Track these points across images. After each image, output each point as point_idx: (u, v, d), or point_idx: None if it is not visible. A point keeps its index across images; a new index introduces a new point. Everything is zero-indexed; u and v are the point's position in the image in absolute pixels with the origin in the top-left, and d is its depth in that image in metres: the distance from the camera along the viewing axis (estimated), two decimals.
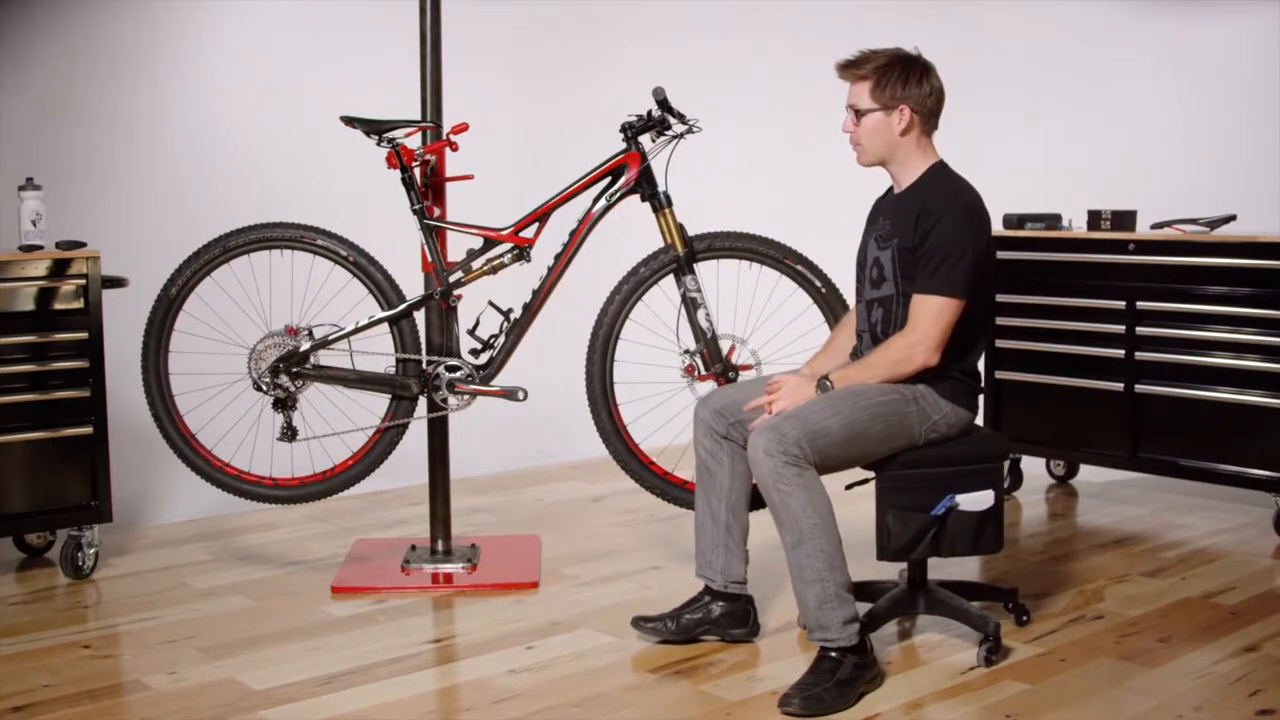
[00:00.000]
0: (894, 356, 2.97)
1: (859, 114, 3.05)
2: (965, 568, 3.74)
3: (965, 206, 3.00)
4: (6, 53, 4.30)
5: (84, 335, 3.71)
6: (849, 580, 2.85)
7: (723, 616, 3.16)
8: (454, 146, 3.65)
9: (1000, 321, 4.46)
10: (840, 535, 2.85)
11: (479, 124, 3.72)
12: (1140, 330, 4.18)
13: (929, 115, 3.06)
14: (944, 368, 3.00)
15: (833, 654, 2.82)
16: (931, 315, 2.95)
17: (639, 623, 3.17)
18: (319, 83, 4.78)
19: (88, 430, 3.73)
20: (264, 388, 3.62)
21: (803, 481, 2.79)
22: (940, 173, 3.08)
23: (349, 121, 3.55)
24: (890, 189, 3.21)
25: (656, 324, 3.61)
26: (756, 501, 3.20)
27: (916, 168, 3.08)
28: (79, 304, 3.71)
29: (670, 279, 3.60)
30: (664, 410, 3.67)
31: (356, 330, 3.63)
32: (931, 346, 2.95)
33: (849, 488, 3.14)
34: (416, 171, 3.63)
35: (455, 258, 3.66)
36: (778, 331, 3.58)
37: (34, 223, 3.67)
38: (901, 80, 3.02)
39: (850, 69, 3.07)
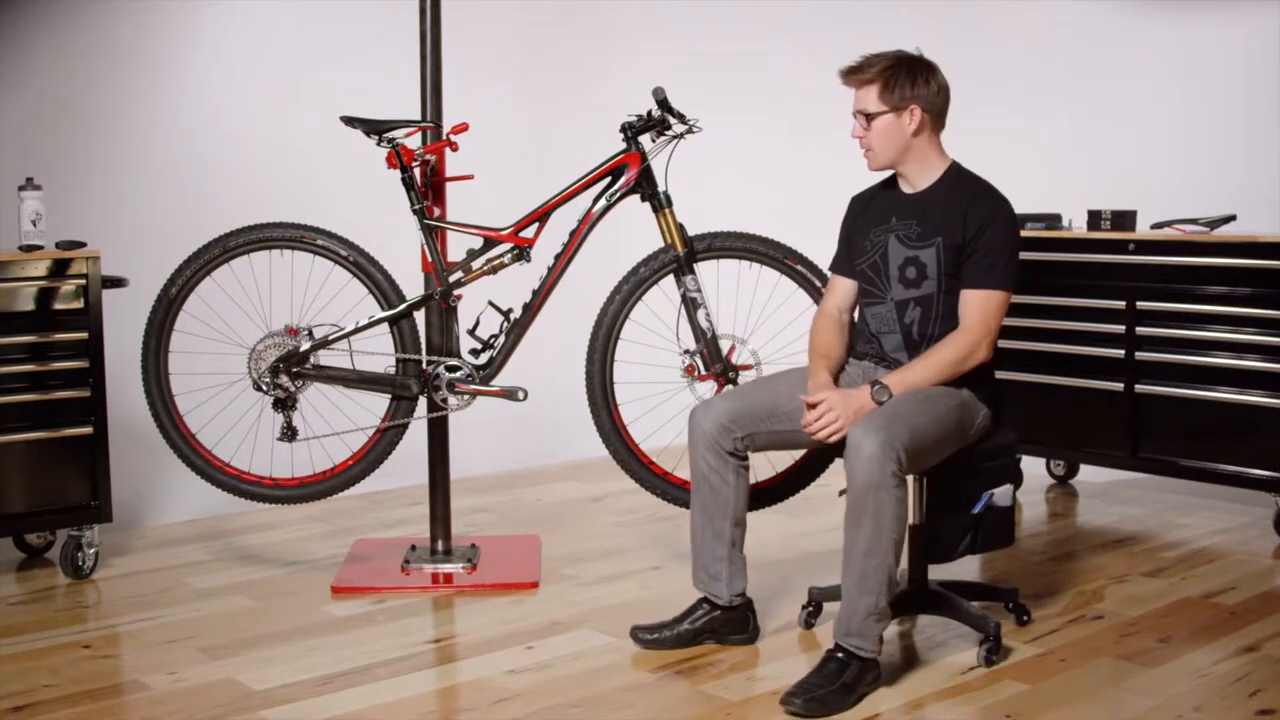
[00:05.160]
0: (956, 355, 2.97)
1: (869, 118, 3.05)
2: (965, 567, 3.74)
3: (1008, 205, 3.06)
4: (6, 53, 4.30)
5: (84, 335, 3.71)
6: (895, 596, 2.86)
7: (722, 625, 3.15)
8: (454, 146, 3.65)
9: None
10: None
11: (479, 124, 3.72)
12: (1140, 330, 4.18)
13: (938, 114, 3.07)
14: (982, 368, 3.03)
15: (840, 656, 2.82)
16: (992, 310, 2.99)
17: (637, 633, 3.16)
18: (319, 83, 4.78)
19: (88, 430, 3.73)
20: (264, 388, 3.62)
21: (899, 494, 2.77)
22: (964, 172, 3.11)
23: (349, 121, 3.55)
24: (881, 188, 3.21)
25: (656, 324, 3.61)
26: (751, 503, 3.19)
27: (934, 167, 3.09)
28: (79, 304, 3.71)
29: (670, 279, 3.60)
30: (664, 410, 3.67)
31: (356, 330, 3.63)
32: (992, 342, 3.01)
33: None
34: (416, 171, 3.63)
35: (455, 258, 3.66)
36: (778, 331, 3.58)
37: (34, 223, 3.67)
38: (909, 80, 3.01)
39: (855, 74, 3.06)
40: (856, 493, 2.77)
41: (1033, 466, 4.80)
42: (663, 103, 3.48)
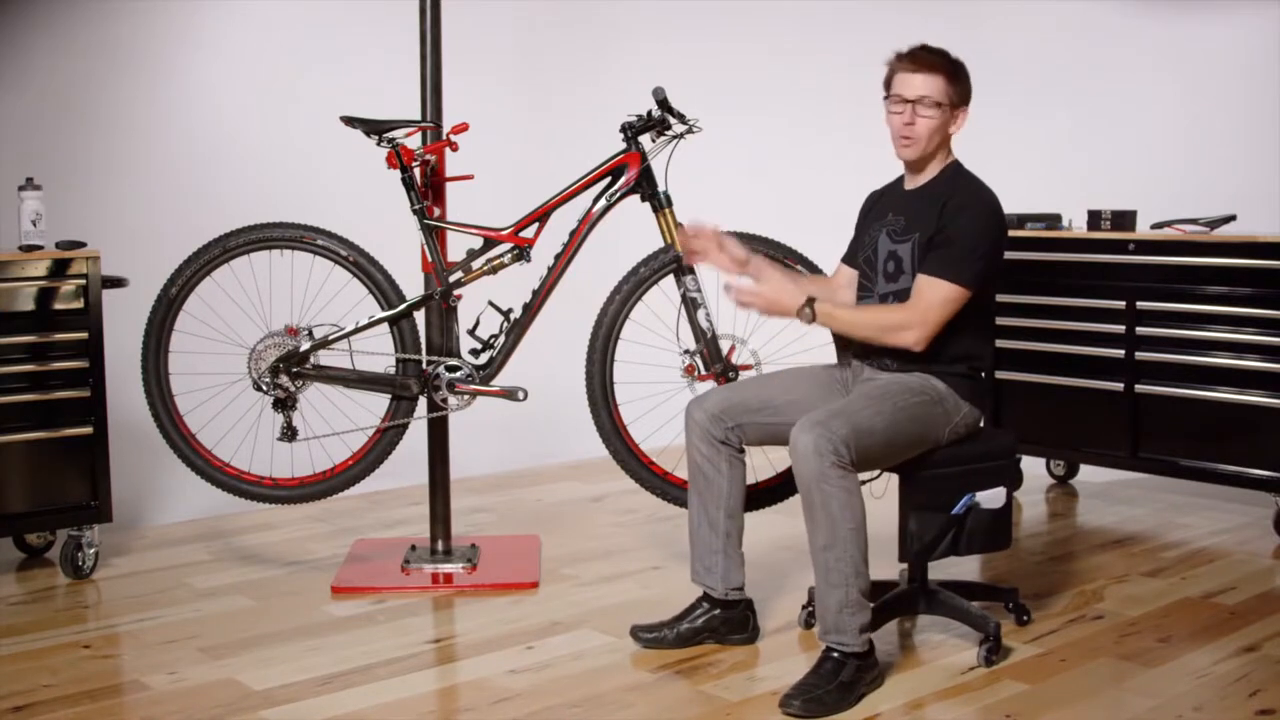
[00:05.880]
0: (883, 323, 2.97)
1: (934, 105, 3.00)
2: (965, 568, 3.74)
3: (990, 205, 3.03)
4: (6, 53, 4.30)
5: (84, 335, 3.71)
6: (869, 586, 2.84)
7: (722, 624, 3.15)
8: (454, 146, 3.65)
9: (1000, 321, 4.45)
10: (868, 541, 2.83)
11: (479, 124, 3.72)
12: (1140, 330, 4.18)
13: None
14: (962, 366, 3.02)
15: (836, 655, 2.82)
16: (937, 298, 2.94)
17: (637, 632, 3.17)
18: (319, 83, 4.78)
19: (88, 430, 3.73)
20: (264, 388, 3.62)
21: (845, 484, 2.77)
22: (961, 170, 3.10)
23: (349, 121, 3.55)
24: (892, 184, 3.21)
25: (656, 324, 3.61)
26: (751, 503, 3.20)
27: (937, 164, 3.09)
28: (79, 304, 3.71)
29: (670, 279, 3.60)
30: (664, 410, 3.67)
31: (356, 330, 3.63)
32: (928, 331, 2.94)
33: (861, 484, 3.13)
34: (416, 171, 3.63)
35: (455, 258, 3.66)
36: (778, 331, 3.58)
37: (34, 223, 3.67)
38: (968, 81, 3.05)
39: (922, 59, 3.02)
40: (803, 489, 2.79)
41: (1033, 466, 4.81)
42: (663, 103, 3.49)
